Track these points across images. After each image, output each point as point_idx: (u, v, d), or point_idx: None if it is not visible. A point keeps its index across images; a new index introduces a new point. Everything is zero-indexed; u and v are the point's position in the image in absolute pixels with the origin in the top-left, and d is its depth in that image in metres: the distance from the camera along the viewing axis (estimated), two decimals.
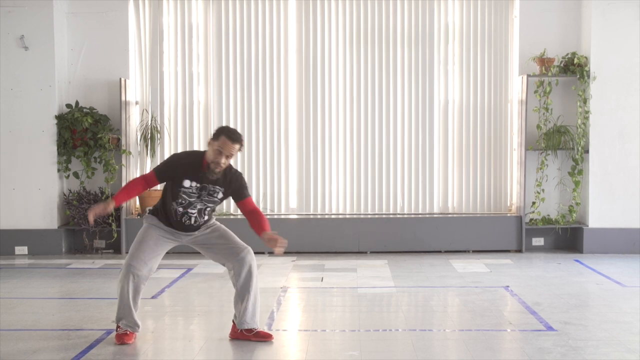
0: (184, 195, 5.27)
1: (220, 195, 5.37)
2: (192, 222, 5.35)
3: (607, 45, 8.98)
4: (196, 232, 5.45)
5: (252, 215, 5.42)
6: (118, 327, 5.33)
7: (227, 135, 5.17)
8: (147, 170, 9.52)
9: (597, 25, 8.96)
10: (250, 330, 5.37)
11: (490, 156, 9.52)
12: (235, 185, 5.37)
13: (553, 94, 9.21)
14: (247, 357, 5.03)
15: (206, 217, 5.43)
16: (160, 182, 5.36)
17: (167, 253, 9.22)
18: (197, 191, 5.28)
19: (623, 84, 8.99)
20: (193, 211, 5.32)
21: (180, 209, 5.30)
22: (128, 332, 5.32)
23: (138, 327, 5.36)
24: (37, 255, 9.04)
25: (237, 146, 5.21)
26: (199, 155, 5.31)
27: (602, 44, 8.98)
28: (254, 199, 9.41)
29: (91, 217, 5.15)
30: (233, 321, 5.45)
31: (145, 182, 5.32)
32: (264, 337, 5.38)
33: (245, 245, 5.47)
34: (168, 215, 5.35)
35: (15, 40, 9.00)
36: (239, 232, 5.90)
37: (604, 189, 9.03)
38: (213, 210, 5.48)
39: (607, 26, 8.97)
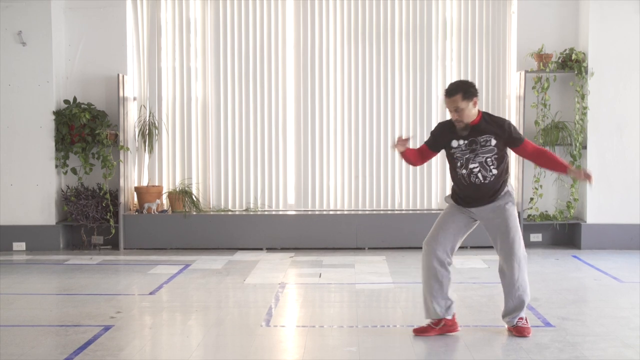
0: (458, 155, 5.28)
1: (494, 141, 5.23)
2: (482, 179, 5.25)
3: (605, 40, 8.97)
4: (488, 206, 5.32)
5: (537, 156, 5.38)
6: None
7: (446, 93, 5.22)
8: (146, 166, 9.52)
9: (595, 21, 8.96)
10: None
11: None
12: (503, 131, 5.26)
13: (551, 89, 9.21)
14: (246, 353, 5.03)
15: (494, 172, 5.26)
16: (434, 150, 5.44)
17: (166, 249, 9.25)
18: (467, 147, 5.25)
19: (621, 79, 8.99)
20: (475, 165, 5.24)
21: (464, 171, 5.28)
22: (430, 324, 5.35)
23: (437, 313, 5.33)
24: (35, 251, 9.04)
25: (456, 97, 5.15)
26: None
27: (600, 40, 8.97)
28: (250, 196, 9.53)
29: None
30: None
31: (419, 152, 5.49)
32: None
33: (512, 252, 5.33)
34: (459, 186, 5.36)
35: (13, 36, 8.99)
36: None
37: (601, 184, 9.03)
38: (499, 163, 5.27)
39: (604, 22, 8.96)
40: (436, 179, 9.51)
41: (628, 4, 8.94)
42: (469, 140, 5.26)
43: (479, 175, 5.27)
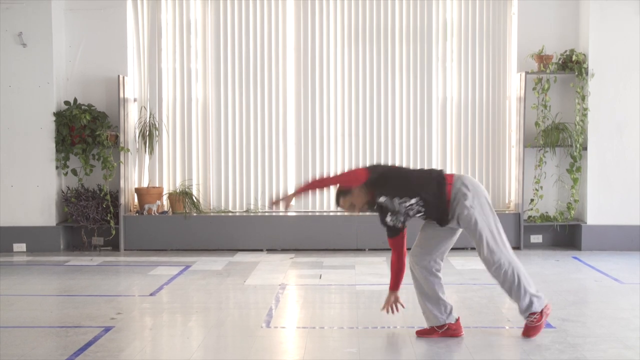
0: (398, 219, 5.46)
1: (382, 198, 5.30)
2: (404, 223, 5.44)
3: (605, 42, 8.98)
4: (453, 221, 5.32)
5: None
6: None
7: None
8: (146, 168, 9.51)
9: (595, 22, 8.96)
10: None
11: (489, 153, 9.52)
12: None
13: (551, 91, 9.21)
14: (246, 354, 5.03)
15: (402, 220, 5.44)
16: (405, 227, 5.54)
17: (166, 250, 9.24)
18: (383, 218, 5.45)
19: (621, 80, 8.99)
20: (391, 218, 5.44)
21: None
22: (433, 327, 5.33)
23: (438, 320, 5.32)
24: (36, 252, 9.04)
25: (341, 203, 5.28)
26: None
27: (600, 41, 8.97)
28: (251, 197, 9.52)
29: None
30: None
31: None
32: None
33: (490, 262, 5.27)
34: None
35: (14, 37, 8.99)
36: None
37: (602, 186, 9.03)
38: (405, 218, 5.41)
39: (605, 23, 8.96)
40: None
41: (628, 4, 8.94)
42: (377, 210, 5.31)
43: (417, 217, 5.37)
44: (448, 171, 9.46)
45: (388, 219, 5.24)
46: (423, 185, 5.20)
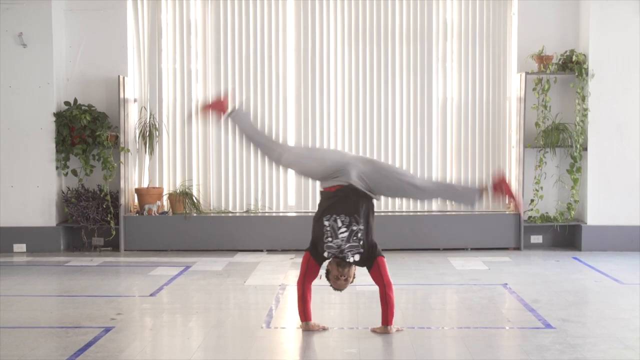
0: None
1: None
2: None
3: (606, 42, 8.98)
4: None
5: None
6: None
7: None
8: (146, 168, 9.51)
9: (596, 22, 8.96)
10: None
11: (489, 154, 9.52)
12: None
13: (551, 91, 9.21)
14: (246, 354, 5.03)
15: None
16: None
17: (166, 251, 9.24)
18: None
19: (621, 81, 8.99)
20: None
21: None
22: None
23: None
24: (36, 252, 9.04)
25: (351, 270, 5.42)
26: None
27: (600, 41, 8.97)
28: (251, 197, 9.52)
29: None
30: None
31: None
32: None
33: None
34: None
35: (14, 38, 9.00)
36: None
37: (602, 186, 9.03)
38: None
39: (605, 23, 8.96)
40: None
41: (628, 5, 8.94)
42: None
43: None
44: (447, 169, 9.51)
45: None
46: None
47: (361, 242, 5.28)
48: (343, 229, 5.26)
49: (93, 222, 9.04)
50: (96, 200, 9.07)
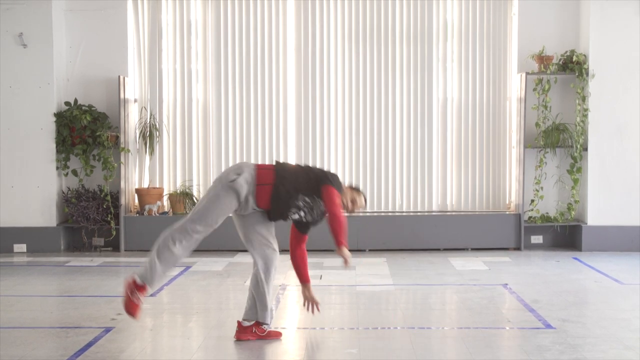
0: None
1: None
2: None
3: (606, 42, 8.98)
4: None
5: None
6: None
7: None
8: (146, 168, 9.50)
9: (596, 23, 8.96)
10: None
11: (489, 154, 9.52)
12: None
13: (552, 91, 9.21)
14: (246, 355, 5.03)
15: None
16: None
17: None
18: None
19: (621, 81, 8.99)
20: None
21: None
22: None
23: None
24: (36, 252, 9.04)
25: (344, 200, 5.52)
26: None
27: (600, 42, 8.97)
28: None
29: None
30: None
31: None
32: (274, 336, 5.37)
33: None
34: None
35: (14, 38, 9.00)
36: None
37: (602, 186, 9.03)
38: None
39: (605, 23, 8.96)
40: (437, 181, 9.51)
41: (629, 5, 8.94)
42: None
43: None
44: (448, 169, 9.50)
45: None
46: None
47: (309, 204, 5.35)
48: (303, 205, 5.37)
49: (93, 222, 9.04)
50: (96, 201, 9.07)
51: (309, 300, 5.47)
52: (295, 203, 5.24)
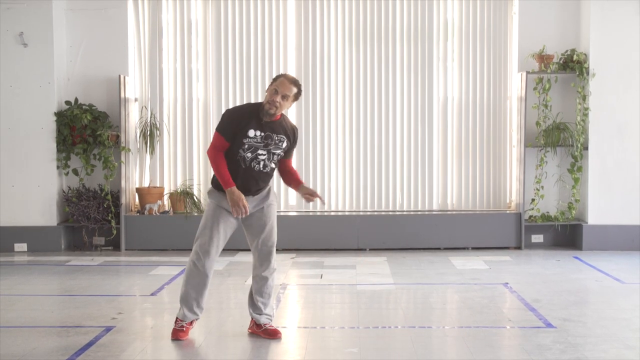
0: (250, 144, 5.17)
1: (286, 144, 5.28)
2: (262, 168, 5.21)
3: (606, 41, 8.97)
4: (257, 197, 5.31)
5: (289, 174, 5.48)
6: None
7: (285, 77, 5.21)
8: (147, 167, 9.51)
9: (596, 22, 8.96)
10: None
11: (490, 153, 9.52)
12: (293, 139, 5.36)
13: (552, 90, 9.21)
14: (247, 354, 5.04)
15: (273, 166, 5.29)
16: (229, 141, 5.17)
17: (167, 250, 9.26)
18: (262, 140, 5.18)
19: (622, 80, 8.99)
20: (263, 153, 5.19)
21: (249, 155, 5.17)
22: (184, 325, 5.37)
23: (197, 315, 5.40)
24: (36, 252, 9.04)
25: (294, 88, 5.18)
26: (256, 104, 5.28)
27: (601, 41, 8.97)
28: None
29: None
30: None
31: (218, 149, 5.20)
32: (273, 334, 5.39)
33: (270, 260, 5.40)
34: (234, 171, 5.19)
35: (14, 37, 9.00)
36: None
37: (603, 185, 9.03)
38: (277, 163, 5.35)
39: (606, 23, 8.96)
40: (437, 180, 9.51)
41: (629, 4, 8.94)
42: (265, 135, 5.19)
43: (262, 163, 5.22)
44: (448, 169, 9.51)
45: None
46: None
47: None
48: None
49: (94, 221, 9.04)
50: (97, 200, 9.08)
51: (311, 194, 5.39)
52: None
